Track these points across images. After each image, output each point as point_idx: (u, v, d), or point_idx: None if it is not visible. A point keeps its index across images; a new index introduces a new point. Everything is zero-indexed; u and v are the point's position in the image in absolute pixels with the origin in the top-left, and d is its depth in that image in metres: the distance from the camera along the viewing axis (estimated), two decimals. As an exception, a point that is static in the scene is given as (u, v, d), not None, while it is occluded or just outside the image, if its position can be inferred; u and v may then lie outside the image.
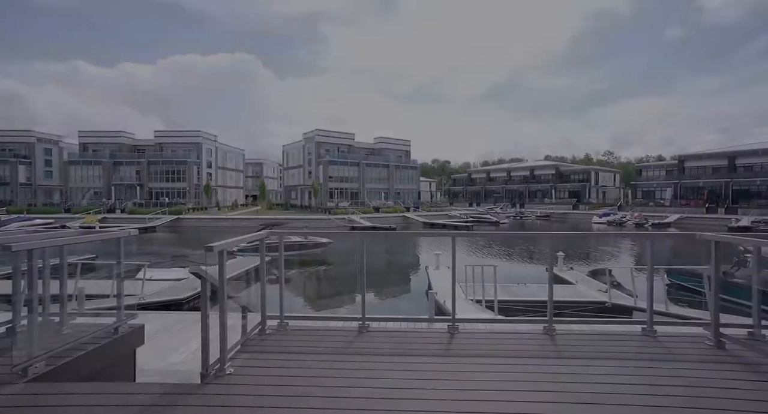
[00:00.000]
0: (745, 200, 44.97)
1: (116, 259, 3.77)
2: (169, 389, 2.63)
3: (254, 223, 41.75)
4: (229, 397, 2.50)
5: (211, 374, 2.77)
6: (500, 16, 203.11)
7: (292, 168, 63.86)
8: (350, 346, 3.36)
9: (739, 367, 2.82)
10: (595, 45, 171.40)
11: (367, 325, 3.72)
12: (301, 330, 3.75)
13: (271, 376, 2.79)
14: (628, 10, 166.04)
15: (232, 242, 3.03)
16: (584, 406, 2.31)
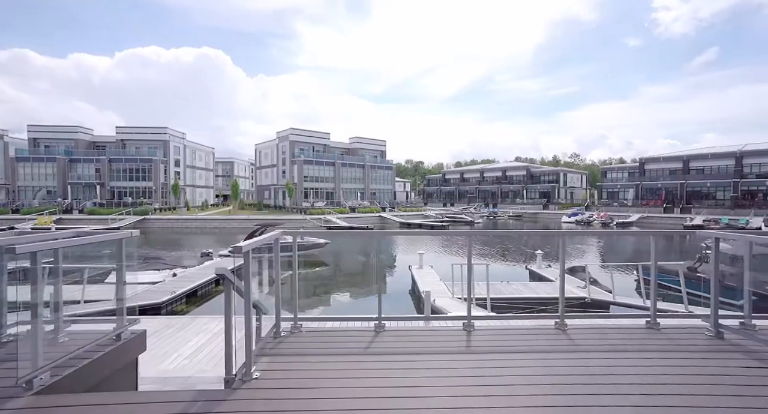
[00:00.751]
0: (697, 201, 48.29)
1: (117, 262, 3.56)
2: (194, 396, 2.50)
3: (228, 223, 40.59)
4: (261, 402, 2.42)
5: (237, 379, 2.66)
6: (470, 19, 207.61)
7: (266, 167, 62.48)
8: (371, 346, 3.33)
9: (739, 355, 3.02)
10: (561, 51, 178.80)
11: (384, 325, 3.70)
12: (316, 331, 3.68)
13: (299, 379, 2.72)
14: (590, 18, 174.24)
15: (253, 243, 2.93)
16: (604, 397, 2.39)
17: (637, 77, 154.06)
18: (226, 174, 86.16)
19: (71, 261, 3.49)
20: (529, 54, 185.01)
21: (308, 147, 57.64)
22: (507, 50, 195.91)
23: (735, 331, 3.39)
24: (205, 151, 68.25)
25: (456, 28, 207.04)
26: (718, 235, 3.40)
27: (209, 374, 4.66)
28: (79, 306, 7.75)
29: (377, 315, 3.75)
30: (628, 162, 72.79)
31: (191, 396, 2.50)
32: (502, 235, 34.09)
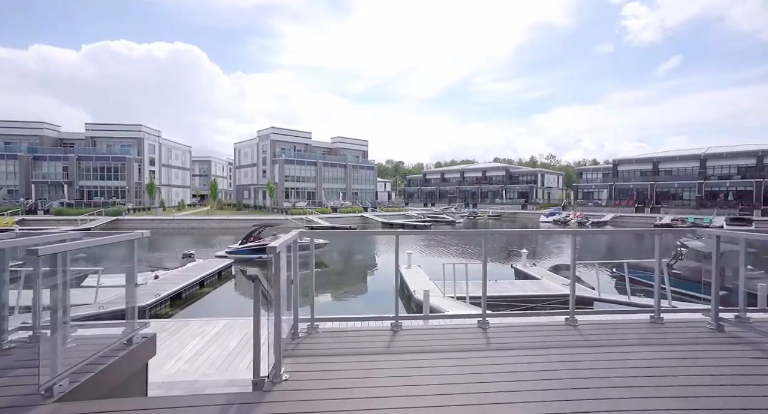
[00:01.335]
0: (666, 201, 50.65)
1: (128, 263, 3.45)
2: (224, 400, 2.46)
3: (207, 224, 39.53)
4: (296, 403, 2.41)
5: (267, 381, 2.63)
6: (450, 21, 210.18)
7: (245, 166, 61.25)
8: (391, 345, 3.35)
9: (740, 347, 3.21)
10: (538, 54, 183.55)
11: (401, 325, 3.72)
12: (333, 331, 3.66)
13: (327, 380, 2.71)
14: (565, 24, 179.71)
15: (284, 242, 2.90)
16: (618, 390, 2.49)
17: (609, 82, 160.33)
18: (204, 173, 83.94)
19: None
20: (507, 56, 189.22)
21: (289, 146, 56.89)
22: (486, 52, 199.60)
23: (734, 324, 3.60)
24: (182, 149, 66.27)
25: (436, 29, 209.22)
26: (719, 232, 3.60)
27: (216, 378, 4.57)
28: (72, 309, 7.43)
29: (394, 314, 3.76)
30: (601, 164, 75.43)
31: (225, 399, 2.45)
32: (518, 234, 34.31)
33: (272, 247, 2.59)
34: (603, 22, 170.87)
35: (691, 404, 2.30)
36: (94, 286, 9.31)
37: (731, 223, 36.90)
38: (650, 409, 2.24)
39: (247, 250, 20.29)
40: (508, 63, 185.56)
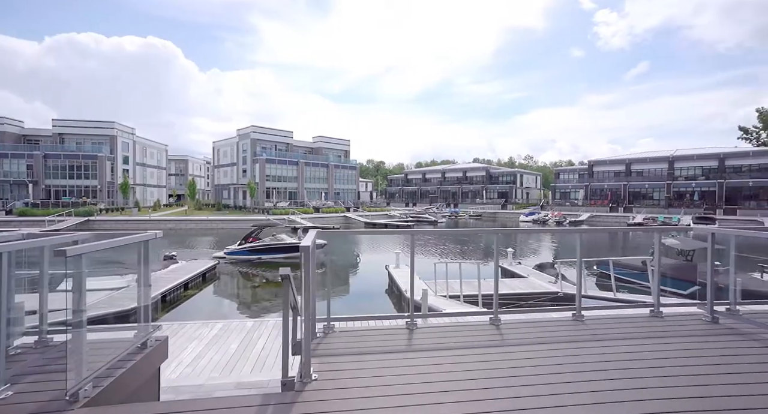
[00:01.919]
0: (638, 201, 52.84)
1: (140, 264, 3.37)
2: (258, 401, 2.44)
3: (185, 224, 38.44)
4: (327, 402, 2.41)
5: (297, 382, 2.62)
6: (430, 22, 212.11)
7: (224, 166, 59.91)
8: (409, 343, 3.40)
9: (735, 337, 3.43)
10: (515, 57, 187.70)
11: (416, 323, 3.78)
12: (349, 331, 3.68)
13: (352, 379, 2.72)
14: (540, 27, 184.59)
15: (314, 240, 2.90)
16: (626, 381, 2.62)
17: (583, 85, 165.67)
18: (180, 172, 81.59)
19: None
20: (486, 58, 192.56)
21: (270, 145, 56.04)
22: (465, 54, 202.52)
23: (727, 316, 3.84)
24: (157, 148, 64.21)
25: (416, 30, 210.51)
26: (714, 230, 3.83)
27: (222, 381, 4.49)
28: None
29: (408, 313, 3.81)
30: (576, 164, 77.88)
31: (258, 400, 2.44)
32: (525, 232, 34.49)
33: (305, 246, 2.58)
34: (576, 27, 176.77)
35: (697, 392, 2.45)
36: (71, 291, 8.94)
37: (697, 221, 38.88)
38: (661, 398, 2.37)
39: (246, 250, 19.92)
40: (488, 65, 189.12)
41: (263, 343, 5.85)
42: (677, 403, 2.32)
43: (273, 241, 20.53)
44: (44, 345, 3.23)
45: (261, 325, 6.69)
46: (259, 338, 6.07)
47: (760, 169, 47.28)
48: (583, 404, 2.32)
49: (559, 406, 2.31)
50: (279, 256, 19.94)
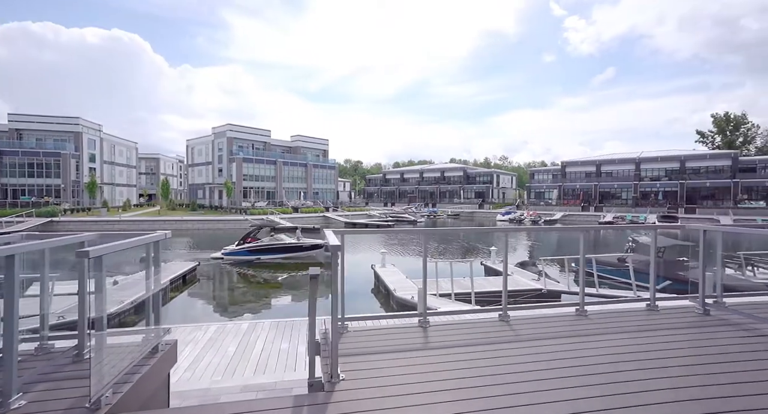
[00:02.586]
0: (607, 200, 55.15)
1: (150, 264, 3.26)
2: (291, 402, 2.42)
3: (159, 225, 37.03)
4: (358, 402, 2.42)
5: (325, 382, 2.61)
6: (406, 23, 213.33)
7: (199, 165, 58.12)
8: (423, 341, 3.44)
9: (726, 327, 3.68)
10: (490, 60, 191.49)
11: (428, 321, 3.83)
12: (363, 331, 3.68)
13: (375, 378, 2.74)
14: (513, 32, 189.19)
15: (340, 240, 2.88)
16: (631, 373, 2.76)
17: (554, 89, 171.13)
18: (151, 171, 78.52)
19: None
20: (462, 60, 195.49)
21: (247, 144, 54.84)
22: (442, 55, 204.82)
23: (717, 309, 4.10)
24: (127, 145, 61.55)
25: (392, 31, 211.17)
26: (705, 227, 4.08)
27: (226, 384, 4.40)
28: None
29: (421, 311, 3.86)
30: (549, 165, 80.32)
31: (291, 402, 2.42)
32: (529, 230, 34.79)
33: (335, 245, 2.58)
34: (548, 32, 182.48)
35: (700, 381, 2.63)
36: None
37: (662, 220, 40.95)
38: (669, 388, 2.53)
39: (245, 251, 19.49)
40: (463, 67, 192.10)
41: (262, 345, 5.76)
42: (684, 392, 2.48)
43: (272, 241, 20.24)
44: (46, 351, 3.07)
45: (257, 326, 6.58)
46: (257, 340, 5.97)
47: (716, 170, 50.40)
48: (596, 396, 2.43)
49: (578, 398, 2.42)
50: (279, 256, 19.71)
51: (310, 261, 20.10)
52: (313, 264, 19.75)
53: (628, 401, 2.37)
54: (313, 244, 20.52)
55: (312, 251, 20.51)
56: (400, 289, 11.33)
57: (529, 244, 29.06)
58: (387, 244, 24.73)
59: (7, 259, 2.32)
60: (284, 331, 6.39)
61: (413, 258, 21.95)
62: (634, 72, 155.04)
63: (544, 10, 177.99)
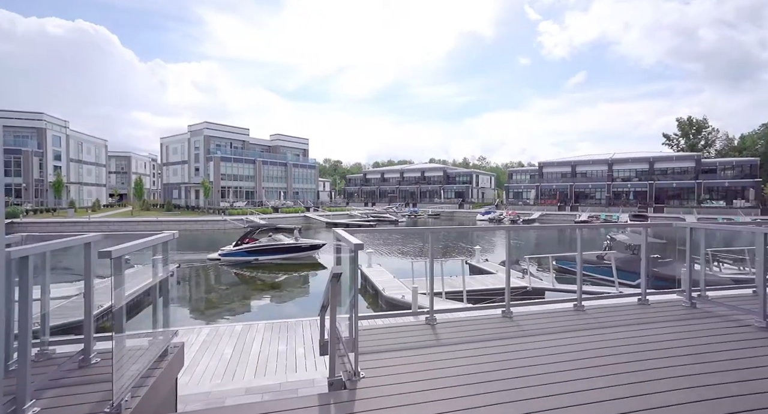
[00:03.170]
0: (582, 200, 57.07)
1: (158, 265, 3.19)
2: (315, 401, 2.42)
3: (133, 226, 35.66)
4: (379, 399, 2.43)
5: (346, 380, 2.63)
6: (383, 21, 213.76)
7: (174, 164, 56.33)
8: (432, 338, 3.49)
9: (712, 318, 3.92)
10: (468, 61, 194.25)
11: (435, 319, 3.89)
12: (372, 329, 3.71)
13: (392, 375, 2.76)
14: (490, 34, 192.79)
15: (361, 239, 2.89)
16: (630, 364, 2.89)
17: (530, 90, 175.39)
18: (122, 170, 75.53)
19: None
20: (440, 61, 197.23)
21: (225, 143, 53.59)
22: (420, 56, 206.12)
23: (702, 302, 4.35)
24: (95, 143, 58.96)
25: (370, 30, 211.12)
26: (692, 225, 4.33)
27: (230, 387, 4.32)
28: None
29: (428, 309, 3.92)
30: (525, 166, 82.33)
31: (313, 401, 2.42)
32: (533, 229, 35.10)
33: (358, 243, 2.60)
34: (523, 36, 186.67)
35: (694, 370, 2.78)
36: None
37: (633, 219, 42.75)
38: (667, 377, 2.66)
39: (243, 252, 19.14)
40: (441, 68, 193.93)
41: (259, 347, 5.68)
42: (682, 380, 2.61)
43: (270, 241, 20.01)
44: (48, 357, 2.95)
45: (251, 328, 6.47)
46: (253, 342, 5.88)
47: (681, 171, 53.10)
48: (602, 388, 2.52)
49: (591, 389, 2.51)
50: (277, 256, 19.52)
51: (308, 261, 19.99)
52: (311, 264, 19.61)
53: (630, 391, 2.47)
54: (311, 245, 20.40)
55: (311, 252, 20.37)
56: (388, 288, 11.38)
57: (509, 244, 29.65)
58: (372, 244, 24.72)
59: (21, 261, 2.23)
60: (280, 332, 6.32)
61: (397, 258, 22.06)
62: (604, 76, 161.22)
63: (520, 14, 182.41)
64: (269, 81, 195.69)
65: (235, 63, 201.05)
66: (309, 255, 20.38)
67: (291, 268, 18.46)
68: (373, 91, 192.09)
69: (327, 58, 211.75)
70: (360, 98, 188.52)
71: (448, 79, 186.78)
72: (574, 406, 2.30)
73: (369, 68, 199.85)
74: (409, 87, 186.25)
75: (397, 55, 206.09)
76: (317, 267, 19.32)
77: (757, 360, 2.96)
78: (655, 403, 2.32)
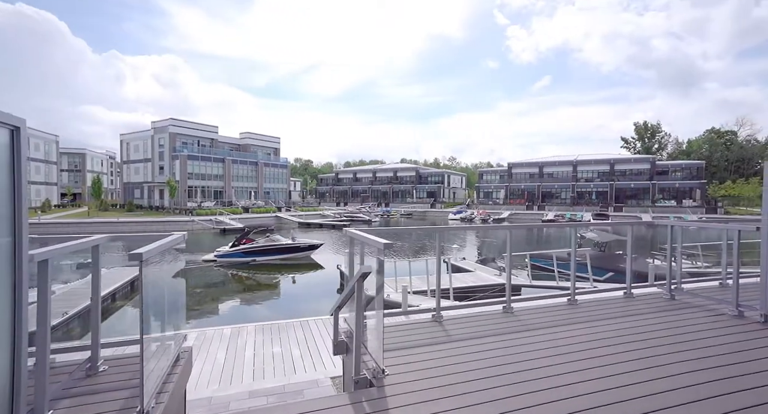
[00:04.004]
0: (549, 199, 59.49)
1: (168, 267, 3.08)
2: (345, 400, 2.44)
3: (89, 228, 33.54)
4: (405, 396, 2.48)
5: (371, 379, 2.66)
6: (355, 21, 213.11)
7: (136, 162, 53.49)
8: (439, 335, 3.57)
9: (692, 309, 4.25)
10: (437, 62, 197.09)
11: (442, 316, 3.98)
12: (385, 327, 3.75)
13: (412, 372, 2.81)
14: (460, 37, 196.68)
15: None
16: (621, 355, 3.09)
17: (497, 93, 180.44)
18: (76, 168, 70.79)
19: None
20: (409, 62, 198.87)
21: (192, 141, 51.52)
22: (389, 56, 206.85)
23: (679, 294, 4.70)
24: (45, 138, 54.97)
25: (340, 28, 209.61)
26: (673, 223, 4.67)
27: (232, 391, 4.22)
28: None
29: (435, 306, 4.01)
30: (494, 166, 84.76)
31: (346, 399, 2.43)
32: (535, 227, 35.25)
33: (388, 243, 2.63)
34: (491, 39, 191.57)
35: (682, 356, 3.01)
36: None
37: (596, 217, 45.06)
38: (654, 366, 2.86)
39: (240, 253, 18.60)
40: (411, 68, 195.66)
41: (252, 350, 5.56)
42: (673, 367, 2.81)
43: (268, 242, 19.65)
44: (51, 366, 2.78)
45: (241, 331, 6.32)
46: (246, 345, 5.74)
47: (638, 173, 56.57)
48: (605, 377, 2.68)
49: (600, 378, 2.66)
50: (276, 257, 19.18)
51: (305, 262, 19.68)
52: (308, 265, 19.23)
53: (625, 380, 2.62)
54: (309, 245, 20.17)
55: (308, 252, 20.14)
56: (371, 288, 11.42)
57: (479, 243, 30.45)
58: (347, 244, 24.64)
59: (41, 265, 2.10)
60: (272, 334, 6.21)
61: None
62: (567, 81, 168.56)
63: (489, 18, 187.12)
64: (236, 78, 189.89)
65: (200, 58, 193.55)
66: (307, 255, 20.15)
67: (287, 269, 18.23)
68: (342, 90, 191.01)
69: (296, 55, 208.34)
70: (330, 97, 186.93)
71: (417, 80, 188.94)
72: (579, 396, 2.41)
73: (338, 67, 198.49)
74: (379, 87, 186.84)
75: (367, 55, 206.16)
76: (314, 267, 19.13)
77: (734, 345, 3.25)
78: (652, 390, 2.47)
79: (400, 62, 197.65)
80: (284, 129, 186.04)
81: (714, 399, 2.36)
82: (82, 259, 16.28)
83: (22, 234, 1.86)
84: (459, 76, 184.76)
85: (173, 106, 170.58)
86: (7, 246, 1.82)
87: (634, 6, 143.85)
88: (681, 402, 2.32)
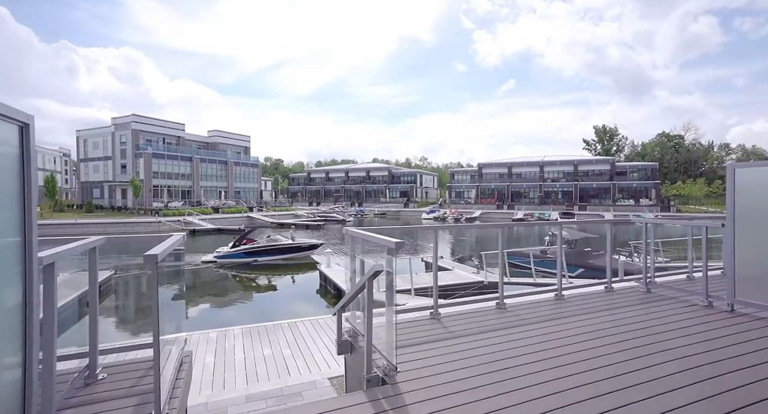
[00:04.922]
0: (518, 199, 61.46)
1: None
2: (361, 398, 2.46)
3: (43, 231, 31.26)
4: (419, 392, 2.53)
5: (383, 376, 2.70)
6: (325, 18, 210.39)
7: (95, 160, 50.48)
8: (438, 332, 3.67)
9: (667, 301, 4.58)
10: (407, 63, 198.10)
11: (440, 313, 4.08)
12: None
13: (420, 369, 2.87)
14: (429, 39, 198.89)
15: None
16: (608, 347, 3.29)
17: (465, 95, 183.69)
18: (26, 166, 65.84)
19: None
20: (380, 62, 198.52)
21: (157, 138, 49.25)
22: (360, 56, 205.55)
23: (654, 287, 5.05)
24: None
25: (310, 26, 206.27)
26: (649, 221, 5.00)
27: (227, 396, 4.13)
28: None
29: (433, 304, 4.10)
30: (465, 166, 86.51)
31: (363, 397, 2.46)
32: (525, 225, 35.20)
33: (399, 242, 2.68)
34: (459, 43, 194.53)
35: (666, 346, 3.28)
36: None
37: (562, 216, 46.99)
38: (639, 356, 3.07)
39: (242, 253, 18.17)
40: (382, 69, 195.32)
41: (242, 353, 5.45)
42: (657, 356, 3.06)
43: (269, 242, 19.40)
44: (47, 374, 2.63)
45: (227, 334, 6.17)
46: (234, 348, 5.62)
47: (600, 173, 59.52)
48: (602, 367, 2.88)
49: (597, 367, 2.85)
50: (277, 257, 18.92)
51: (305, 262, 19.33)
52: (308, 264, 18.83)
53: (616, 370, 2.82)
54: (310, 244, 19.98)
55: (309, 251, 19.94)
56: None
57: (452, 241, 31.02)
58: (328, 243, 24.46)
59: (46, 268, 2.00)
60: (260, 336, 6.11)
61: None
62: (531, 85, 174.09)
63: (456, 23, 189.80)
64: (202, 74, 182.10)
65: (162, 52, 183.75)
66: (307, 255, 19.95)
67: (286, 269, 18.03)
68: (313, 89, 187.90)
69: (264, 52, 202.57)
70: (300, 96, 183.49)
71: (389, 80, 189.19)
72: (576, 388, 2.55)
73: (309, 65, 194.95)
74: (350, 86, 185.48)
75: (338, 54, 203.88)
76: (314, 267, 18.97)
77: (708, 334, 3.54)
78: (641, 378, 2.66)
79: (371, 62, 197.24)
80: (254, 127, 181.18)
81: (696, 385, 2.57)
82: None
83: (32, 235, 1.78)
84: (429, 77, 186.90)
85: (134, 102, 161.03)
86: (17, 247, 1.73)
87: (590, 16, 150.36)
88: (668, 389, 2.51)
